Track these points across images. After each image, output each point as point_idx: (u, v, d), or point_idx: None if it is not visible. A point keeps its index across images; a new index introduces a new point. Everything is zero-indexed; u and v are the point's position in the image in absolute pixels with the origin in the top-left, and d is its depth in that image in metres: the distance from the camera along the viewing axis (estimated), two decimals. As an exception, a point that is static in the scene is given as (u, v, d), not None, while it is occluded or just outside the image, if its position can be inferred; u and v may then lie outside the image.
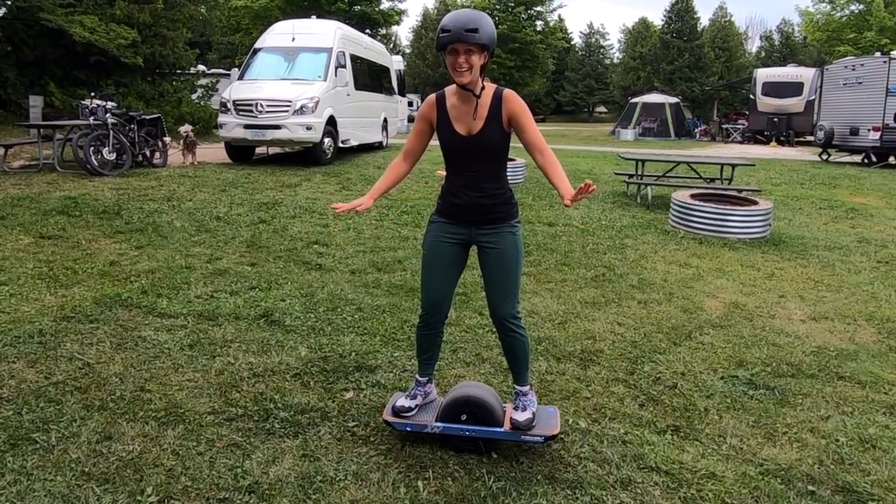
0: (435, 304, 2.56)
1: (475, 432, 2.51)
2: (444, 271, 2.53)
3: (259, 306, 4.13)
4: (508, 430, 2.51)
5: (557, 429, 2.53)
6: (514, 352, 2.55)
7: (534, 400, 2.61)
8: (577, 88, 56.74)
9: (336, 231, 6.36)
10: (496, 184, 2.42)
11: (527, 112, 2.38)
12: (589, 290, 4.75)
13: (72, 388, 2.93)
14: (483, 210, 2.42)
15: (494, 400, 2.60)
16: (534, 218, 7.35)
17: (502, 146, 2.39)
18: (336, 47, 11.71)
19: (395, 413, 2.59)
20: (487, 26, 2.24)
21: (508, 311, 2.48)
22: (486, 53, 2.26)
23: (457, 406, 2.55)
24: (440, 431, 2.53)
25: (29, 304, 4.02)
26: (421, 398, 2.67)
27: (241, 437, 2.58)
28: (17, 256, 5.06)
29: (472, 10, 2.33)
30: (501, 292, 2.48)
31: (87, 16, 14.20)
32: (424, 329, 2.61)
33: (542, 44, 32.59)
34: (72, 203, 6.97)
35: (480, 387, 2.71)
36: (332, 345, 3.55)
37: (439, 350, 2.74)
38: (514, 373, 2.63)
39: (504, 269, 2.45)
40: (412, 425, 2.57)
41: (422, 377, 2.69)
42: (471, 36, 2.19)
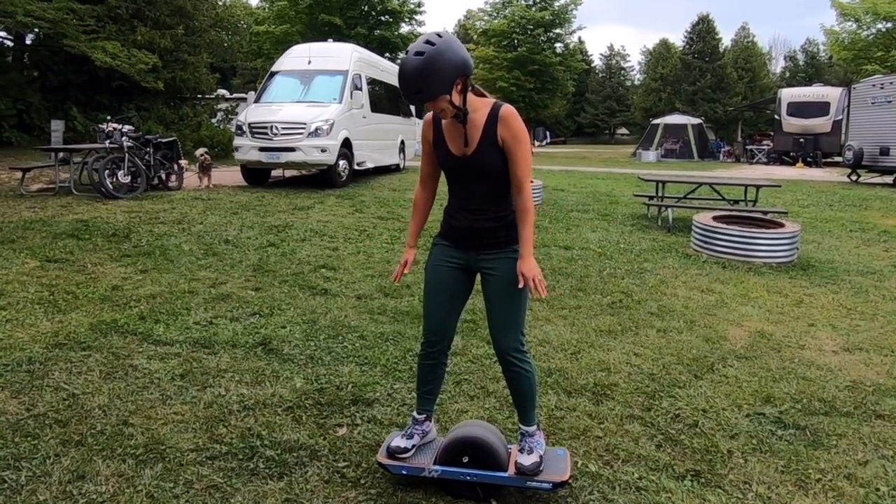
0: (436, 333, 2.39)
1: (477, 477, 2.30)
2: (445, 297, 2.37)
3: (258, 333, 3.97)
4: (513, 474, 2.29)
5: (567, 474, 2.29)
6: (518, 389, 2.35)
7: (541, 441, 2.39)
8: (597, 110, 56.63)
9: (346, 255, 6.22)
10: (497, 206, 2.23)
11: (521, 140, 2.16)
12: (605, 318, 4.52)
13: (52, 420, 2.78)
14: (482, 234, 2.26)
15: (498, 441, 2.38)
16: (549, 241, 7.14)
17: (500, 167, 2.18)
18: (352, 70, 11.73)
19: (391, 454, 2.39)
20: (431, 77, 2.00)
21: (511, 345, 2.28)
22: (454, 90, 2.05)
23: (457, 447, 2.35)
24: (439, 475, 2.33)
25: (24, 330, 3.91)
26: (419, 438, 2.47)
27: (223, 479, 2.40)
28: (20, 280, 4.99)
29: (413, 64, 1.99)
30: (503, 323, 2.28)
31: (109, 42, 14.51)
32: (425, 358, 2.44)
33: (562, 66, 32.61)
34: (83, 226, 6.95)
35: (483, 426, 2.48)
36: (329, 375, 3.37)
37: (440, 384, 2.54)
38: (519, 412, 2.41)
39: (506, 298, 2.24)
40: (408, 468, 2.37)
41: (419, 414, 2.49)
42: (418, 98, 2.06)
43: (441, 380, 2.52)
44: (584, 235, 7.58)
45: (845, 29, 28.19)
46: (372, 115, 12.52)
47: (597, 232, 7.85)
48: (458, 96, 2.09)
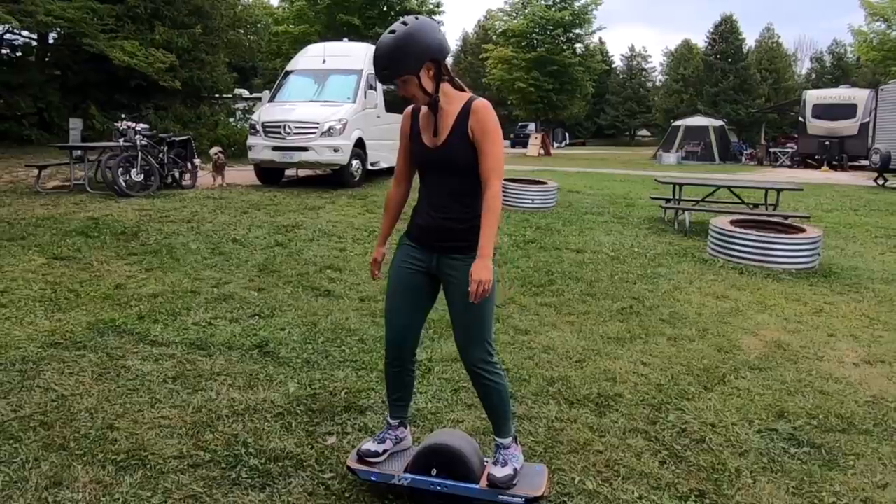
0: (397, 339, 2.29)
1: (447, 487, 2.19)
2: (407, 302, 2.26)
3: (256, 335, 3.89)
4: (485, 487, 2.18)
5: (542, 490, 2.17)
6: (488, 401, 2.24)
7: (517, 455, 2.28)
8: (618, 112, 56.05)
9: (353, 255, 6.14)
10: (464, 205, 2.12)
11: (493, 134, 2.06)
12: (613, 324, 4.37)
13: (37, 423, 2.72)
14: (446, 234, 2.15)
15: (473, 452, 2.27)
16: (561, 244, 6.99)
17: (469, 162, 2.07)
18: (366, 69, 11.65)
19: (361, 458, 2.31)
20: (399, 55, 2.00)
21: (477, 356, 2.16)
22: (423, 71, 2.03)
23: (429, 456, 2.25)
24: (408, 484, 2.23)
25: (22, 328, 3.88)
26: (391, 443, 2.38)
27: (202, 488, 2.31)
28: (25, 278, 4.98)
29: (384, 42, 2.01)
30: (468, 334, 2.17)
31: (128, 41, 14.64)
32: (390, 366, 2.34)
33: (581, 66, 32.26)
34: (93, 224, 6.96)
35: (458, 436, 2.38)
36: (324, 380, 3.28)
37: (411, 390, 2.44)
38: (493, 424, 2.30)
39: (469, 307, 2.07)
40: (378, 475, 2.28)
41: (392, 419, 2.41)
42: (386, 76, 2.06)
43: (410, 386, 2.42)
44: (597, 238, 7.42)
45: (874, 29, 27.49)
46: (386, 114, 12.42)
47: (611, 235, 7.68)
48: (429, 82, 2.06)
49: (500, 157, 2.09)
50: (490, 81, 35.45)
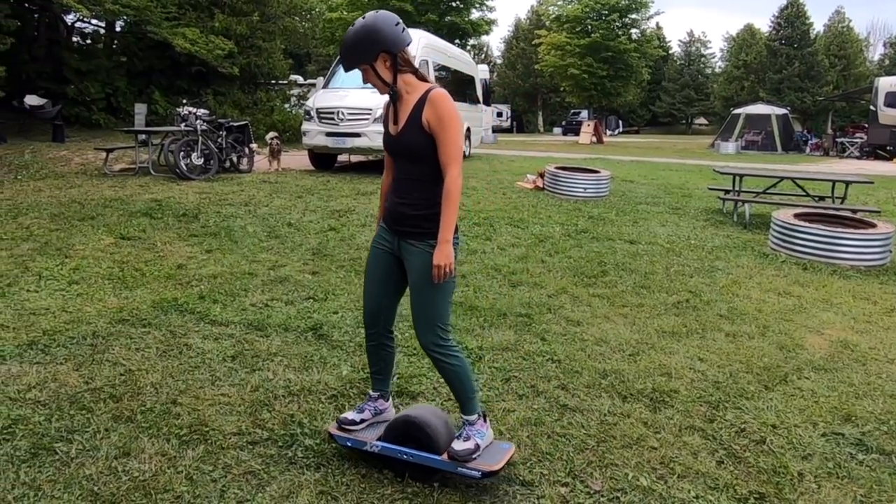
0: (371, 314, 2.42)
1: (412, 457, 2.32)
2: (377, 279, 2.39)
3: (311, 318, 3.98)
4: (446, 459, 2.28)
5: (499, 465, 2.25)
6: (449, 381, 2.35)
7: (483, 431, 2.35)
8: (674, 99, 54.34)
9: (403, 241, 6.18)
10: (420, 193, 2.21)
11: (446, 122, 2.13)
12: (669, 318, 4.27)
13: (107, 395, 2.86)
14: (404, 219, 2.25)
15: (442, 427, 2.37)
16: (614, 234, 6.85)
17: (424, 151, 2.16)
18: (419, 56, 11.64)
19: (340, 425, 2.46)
20: (355, 47, 2.16)
21: (429, 339, 2.25)
22: (378, 62, 2.17)
23: (400, 427, 2.38)
24: (378, 451, 2.37)
25: (92, 304, 4.08)
26: (370, 413, 2.52)
27: (260, 465, 2.38)
28: (95, 256, 5.22)
29: (347, 34, 2.18)
30: (420, 317, 2.27)
31: (189, 28, 15.00)
32: (368, 340, 2.46)
33: (637, 53, 31.38)
34: (157, 206, 7.23)
35: (431, 411, 2.50)
36: (376, 365, 3.31)
37: (391, 367, 2.55)
38: (458, 402, 2.39)
39: (419, 287, 2.22)
40: (353, 441, 2.43)
41: (373, 392, 2.55)
42: (346, 65, 2.21)
43: (389, 360, 2.50)
44: (652, 229, 7.24)
45: (957, 12, 25.70)
46: (438, 101, 12.42)
47: (666, 226, 7.48)
48: (386, 72, 2.18)
49: (457, 144, 2.14)
50: (543, 68, 34.91)
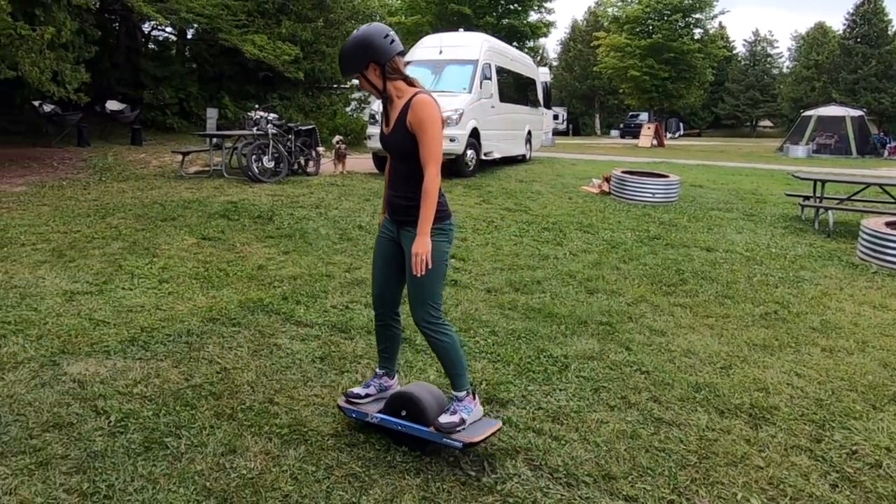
0: (378, 297, 2.67)
1: (404, 427, 2.54)
2: (381, 265, 2.63)
3: (391, 321, 4.01)
4: (432, 430, 2.48)
5: (478, 438, 2.44)
6: (439, 357, 2.57)
7: (470, 407, 2.53)
8: (738, 101, 52.44)
9: (474, 246, 6.18)
10: (409, 187, 2.43)
11: (427, 124, 2.34)
12: (757, 330, 4.10)
13: (207, 392, 2.96)
14: (398, 210, 2.50)
15: (434, 402, 2.58)
16: (689, 241, 6.66)
17: (410, 150, 2.38)
18: (482, 59, 11.67)
19: (347, 398, 2.72)
20: (347, 58, 2.42)
21: (421, 317, 2.48)
22: (369, 71, 2.39)
23: (397, 401, 2.61)
24: (377, 422, 2.61)
25: (183, 303, 4.23)
26: (375, 389, 2.74)
27: (361, 468, 2.41)
28: (180, 256, 5.44)
29: (343, 45, 2.45)
30: (413, 296, 2.49)
31: (257, 35, 15.48)
32: (376, 321, 2.73)
33: (701, 53, 30.48)
34: (232, 207, 7.47)
35: (425, 388, 2.72)
36: (462, 370, 3.31)
37: (397, 346, 2.79)
38: (448, 378, 2.59)
39: (413, 274, 2.40)
40: (357, 413, 2.67)
41: (379, 369, 2.79)
42: (344, 74, 2.49)
43: (396, 341, 2.75)
44: (728, 237, 7.00)
45: None
46: (500, 104, 12.39)
47: (743, 233, 7.22)
48: (377, 79, 2.41)
49: (436, 145, 2.34)
50: (601, 70, 34.34)
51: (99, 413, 2.71)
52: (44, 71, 10.07)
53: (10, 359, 3.23)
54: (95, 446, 2.45)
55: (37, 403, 2.77)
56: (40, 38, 9.64)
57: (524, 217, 7.70)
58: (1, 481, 2.22)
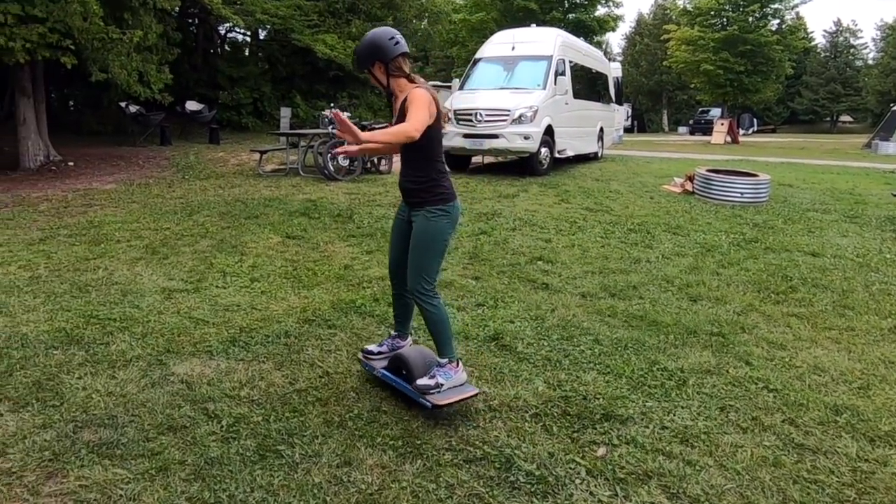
0: (392, 270, 3.00)
1: (396, 383, 2.92)
2: (396, 242, 2.93)
3: (487, 326, 3.87)
4: (412, 388, 2.77)
5: (443, 402, 2.68)
6: (427, 324, 2.80)
7: (450, 374, 2.76)
8: (817, 95, 49.68)
9: (560, 247, 5.96)
10: (415, 171, 2.75)
11: (413, 104, 2.56)
12: (890, 346, 3.73)
13: (314, 398, 2.89)
14: (406, 192, 2.83)
15: (421, 362, 2.87)
16: (790, 245, 6.22)
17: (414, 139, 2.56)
18: (556, 55, 11.36)
19: (364, 354, 3.15)
20: (358, 57, 2.78)
21: (414, 286, 2.75)
22: (375, 69, 2.72)
23: (395, 360, 2.99)
24: (380, 376, 3.01)
25: (277, 303, 4.22)
26: (387, 348, 3.12)
27: (483, 487, 2.27)
28: (267, 254, 5.47)
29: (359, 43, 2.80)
30: (410, 266, 2.76)
31: (328, 35, 15.70)
32: (392, 289, 3.07)
33: (780, 45, 28.92)
34: (312, 206, 7.51)
35: (419, 349, 3.06)
36: (571, 382, 3.13)
37: (409, 312, 3.09)
38: (435, 345, 2.85)
39: (414, 244, 2.74)
40: (369, 366, 3.10)
41: (394, 332, 3.17)
42: (357, 69, 2.86)
43: (408, 307, 3.06)
44: (832, 241, 6.50)
45: None
46: (574, 101, 12.06)
47: (848, 237, 6.70)
48: (382, 76, 2.72)
49: (418, 114, 2.52)
50: (672, 64, 33.12)
51: (210, 417, 2.68)
52: (131, 73, 10.48)
53: (119, 357, 3.26)
54: (211, 452, 2.41)
55: (149, 404, 2.77)
56: (129, 41, 10.02)
57: (607, 217, 7.40)
58: (124, 486, 2.20)
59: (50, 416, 2.66)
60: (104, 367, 3.14)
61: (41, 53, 9.28)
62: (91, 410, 2.71)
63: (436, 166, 2.73)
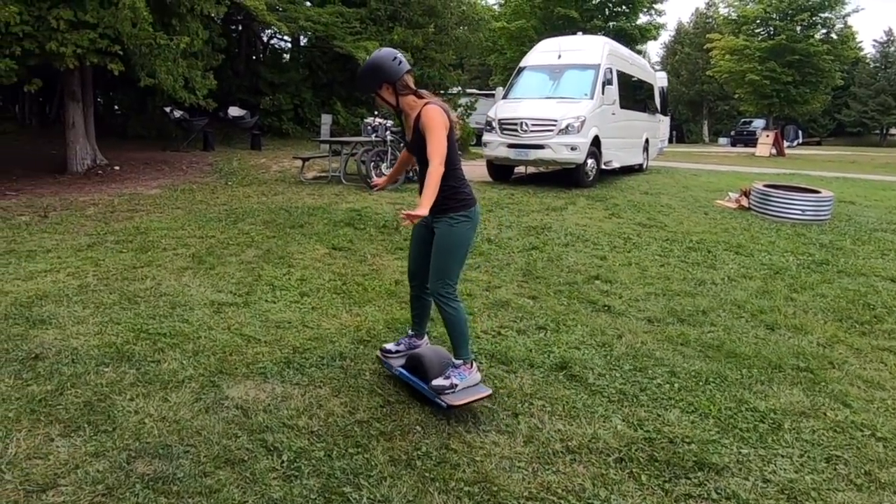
0: (411, 272, 3.15)
1: (413, 382, 2.99)
2: (416, 245, 3.07)
3: (552, 352, 3.62)
4: (428, 388, 2.88)
5: (457, 403, 2.79)
6: (446, 325, 2.91)
7: (464, 374, 2.87)
8: (866, 107, 48.00)
9: (616, 266, 5.68)
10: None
11: (428, 128, 2.69)
12: None
13: (377, 431, 2.69)
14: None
15: (437, 362, 2.96)
16: (865, 268, 5.82)
17: None
18: (604, 63, 11.08)
19: (382, 352, 3.27)
20: (362, 80, 2.87)
21: (436, 288, 2.85)
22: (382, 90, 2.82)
23: (412, 359, 3.06)
24: (398, 375, 3.10)
25: (329, 320, 4.04)
26: (405, 346, 3.24)
27: (574, 548, 2.03)
28: (315, 267, 5.31)
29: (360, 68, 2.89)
30: (433, 269, 2.87)
31: (370, 42, 15.66)
32: (411, 290, 3.20)
33: (830, 55, 28.00)
34: (356, 216, 7.37)
35: (434, 349, 3.16)
36: (653, 421, 2.87)
37: (426, 312, 3.24)
38: (452, 347, 2.95)
39: (436, 249, 2.86)
40: (388, 364, 3.22)
41: (411, 331, 3.29)
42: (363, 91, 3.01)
43: (426, 308, 3.21)
44: (910, 264, 6.07)
45: None
46: (620, 111, 11.74)
47: (926, 261, 6.25)
48: (390, 96, 2.83)
49: (437, 144, 2.67)
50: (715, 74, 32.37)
51: (269, 450, 2.50)
52: (177, 78, 10.53)
53: (171, 376, 3.11)
54: (273, 492, 2.23)
55: (205, 433, 2.60)
56: (176, 46, 10.07)
57: (661, 234, 7.08)
58: (182, 529, 2.02)
59: (102, 442, 2.51)
60: (156, 387, 3.00)
61: (90, 59, 9.38)
62: (144, 438, 2.55)
63: (455, 174, 2.83)
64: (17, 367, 3.15)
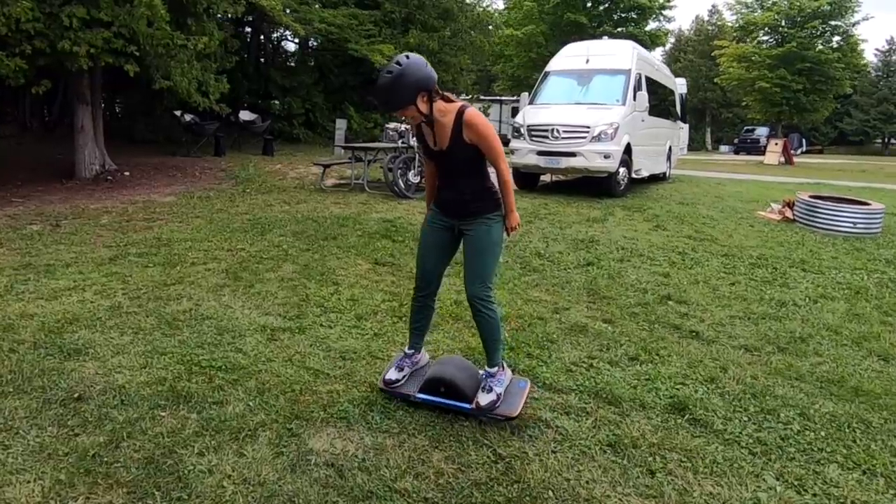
0: (424, 280, 2.96)
1: (447, 405, 2.79)
2: (433, 252, 2.94)
3: (658, 390, 3.21)
4: (474, 408, 2.73)
5: (517, 411, 2.71)
6: (481, 330, 2.83)
7: (502, 379, 2.84)
8: (868, 115, 48.00)
9: (684, 283, 5.27)
10: (471, 185, 2.76)
11: (483, 133, 2.63)
12: None
13: (503, 498, 2.25)
14: (462, 205, 2.79)
15: (467, 378, 2.83)
16: (947, 288, 5.43)
17: (471, 158, 2.69)
18: (634, 69, 10.72)
19: (386, 384, 2.95)
20: (397, 91, 2.54)
21: (476, 292, 2.75)
22: (418, 100, 2.56)
23: (435, 382, 2.83)
24: (421, 400, 2.84)
25: (397, 350, 3.61)
26: (408, 369, 3.02)
27: None
28: (362, 284, 4.88)
29: (383, 81, 2.54)
30: (472, 273, 2.78)
31: (384, 45, 15.27)
32: (416, 301, 3.01)
33: (840, 63, 27.82)
34: (391, 227, 6.94)
35: (455, 364, 2.97)
36: (813, 482, 2.45)
37: (429, 322, 3.10)
38: (485, 352, 2.89)
39: (475, 252, 2.78)
40: (399, 394, 2.91)
41: (409, 350, 3.07)
42: (387, 108, 2.69)
43: (429, 318, 3.08)
44: None
45: None
46: (650, 118, 11.38)
47: None
48: (424, 106, 2.61)
49: (498, 145, 2.68)
50: (723, 81, 32.14)
51: (382, 526, 2.06)
52: (191, 81, 10.10)
53: (240, 423, 2.67)
54: (403, 589, 1.79)
55: (299, 501, 2.16)
56: (193, 48, 9.64)
57: (715, 248, 6.69)
58: None
59: (177, 515, 2.07)
60: (225, 437, 2.55)
61: (104, 59, 8.93)
62: (227, 508, 2.11)
63: (488, 174, 2.80)
64: (60, 412, 2.70)
